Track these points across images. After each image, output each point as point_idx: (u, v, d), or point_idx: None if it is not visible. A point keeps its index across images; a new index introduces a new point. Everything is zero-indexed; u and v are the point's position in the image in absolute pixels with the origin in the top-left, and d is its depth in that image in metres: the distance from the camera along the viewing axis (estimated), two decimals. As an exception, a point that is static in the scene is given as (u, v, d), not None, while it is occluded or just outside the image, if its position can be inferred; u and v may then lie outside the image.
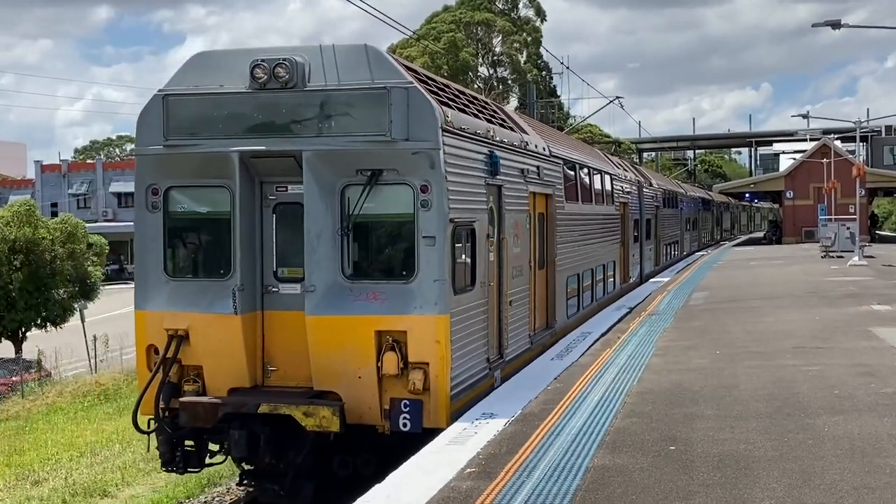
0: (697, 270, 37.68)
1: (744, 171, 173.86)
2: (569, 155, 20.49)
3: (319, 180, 12.53)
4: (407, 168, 12.38)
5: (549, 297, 18.14)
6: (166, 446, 13.08)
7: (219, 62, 13.07)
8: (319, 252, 12.54)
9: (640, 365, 15.33)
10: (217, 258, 13.14)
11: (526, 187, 16.26)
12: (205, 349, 12.90)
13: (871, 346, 16.18)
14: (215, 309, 12.83)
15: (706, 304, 24.30)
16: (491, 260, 14.18)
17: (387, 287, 12.51)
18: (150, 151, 13.13)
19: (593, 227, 22.75)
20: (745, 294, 26.91)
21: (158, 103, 13.04)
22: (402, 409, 12.34)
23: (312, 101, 12.56)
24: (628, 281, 29.44)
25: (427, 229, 12.42)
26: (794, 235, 69.52)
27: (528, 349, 16.09)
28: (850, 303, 23.38)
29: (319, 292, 12.46)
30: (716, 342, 17.46)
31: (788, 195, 70.79)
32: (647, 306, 24.00)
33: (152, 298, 13.18)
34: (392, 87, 12.30)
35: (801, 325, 19.45)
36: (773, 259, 45.50)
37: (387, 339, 12.41)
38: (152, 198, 13.28)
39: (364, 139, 12.38)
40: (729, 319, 20.94)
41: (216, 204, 13.10)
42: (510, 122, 16.90)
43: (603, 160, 27.24)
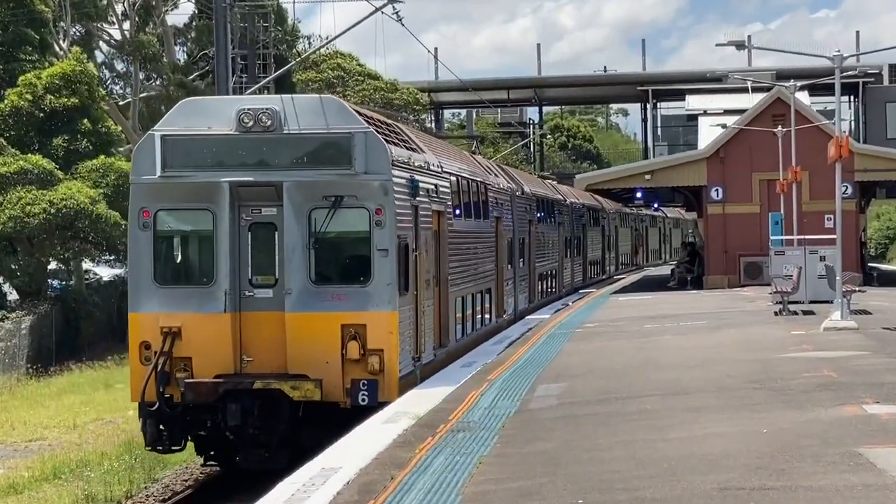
0: (547, 339, 23.42)
1: (632, 149, 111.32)
2: (457, 169, 22.33)
3: (294, 205, 16.33)
4: (364, 195, 16.36)
5: (443, 315, 20.10)
6: (154, 428, 16.30)
7: (206, 108, 17.11)
8: (294, 262, 16.32)
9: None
10: (201, 268, 16.81)
11: (430, 206, 19.00)
12: (195, 343, 16.25)
13: (861, 485, 9.87)
14: (205, 309, 16.30)
15: (562, 407, 15.03)
16: (414, 271, 17.61)
17: (349, 290, 16.43)
18: (144, 180, 16.62)
19: (476, 246, 23.74)
20: (632, 386, 16.55)
21: (153, 141, 16.56)
22: (361, 388, 16.13)
23: (290, 142, 16.52)
24: (502, 315, 26.66)
25: (381, 243, 16.39)
26: (724, 272, 40.05)
27: (428, 361, 18.55)
28: (825, 400, 14.39)
29: (294, 294, 16.27)
30: (577, 484, 10.56)
31: (714, 194, 40.19)
32: (457, 411, 15.55)
33: (145, 303, 16.57)
34: (355, 132, 16.43)
35: (734, 446, 11.85)
36: (688, 318, 27.38)
37: (349, 330, 16.25)
38: (143, 219, 16.60)
39: (332, 172, 16.41)
40: (603, 436, 12.88)
41: (199, 223, 16.69)
42: (412, 142, 19.59)
43: (473, 164, 26.27)
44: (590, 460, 11.47)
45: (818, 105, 52.34)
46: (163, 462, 19.93)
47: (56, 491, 18.23)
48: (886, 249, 79.29)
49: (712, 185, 40.14)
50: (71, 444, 21.80)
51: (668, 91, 66.79)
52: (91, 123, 37.60)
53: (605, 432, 12.99)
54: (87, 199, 34.21)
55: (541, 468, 11.19)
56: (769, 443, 11.75)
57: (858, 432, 12.08)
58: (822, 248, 30.81)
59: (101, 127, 38.21)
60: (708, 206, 40.37)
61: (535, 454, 11.93)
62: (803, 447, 11.43)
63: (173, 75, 48.60)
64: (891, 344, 20.46)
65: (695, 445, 11.87)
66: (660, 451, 11.68)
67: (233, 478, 17.35)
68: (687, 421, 13.30)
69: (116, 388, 28.84)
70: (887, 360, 18.27)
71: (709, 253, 40.91)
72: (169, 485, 18.46)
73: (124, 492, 18.01)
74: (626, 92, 74.28)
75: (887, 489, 9.53)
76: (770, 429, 12.50)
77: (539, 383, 17.04)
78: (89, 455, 20.26)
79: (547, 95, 78.89)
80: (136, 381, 16.37)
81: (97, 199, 34.60)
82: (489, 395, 16.09)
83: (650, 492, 9.87)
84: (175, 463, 20.07)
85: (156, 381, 16.07)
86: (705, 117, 55.26)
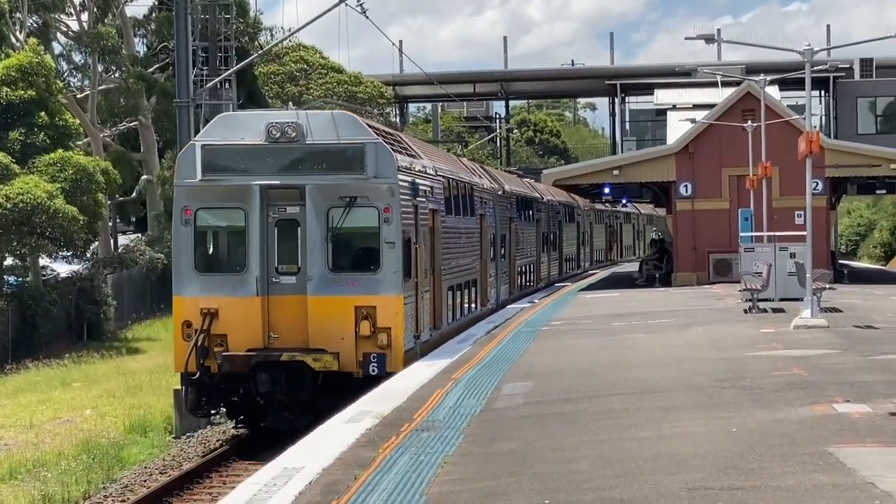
0: (513, 337, 23.28)
1: (600, 144, 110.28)
2: (445, 171, 24.89)
3: (315, 204, 19.26)
4: (375, 196, 19.32)
5: (437, 301, 22.74)
6: (195, 395, 19.25)
7: (239, 121, 20.24)
8: (314, 253, 19.24)
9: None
10: (235, 258, 19.70)
11: (427, 205, 21.83)
12: (230, 322, 19.12)
13: (831, 485, 9.63)
14: (239, 293, 19.17)
15: (528, 406, 14.70)
16: (415, 262, 20.61)
17: (361, 276, 19.36)
18: (186, 183, 19.59)
19: (464, 241, 26.22)
20: (600, 385, 16.20)
21: (194, 150, 19.61)
22: (372, 360, 18.97)
23: (311, 151, 19.47)
24: (486, 304, 29.27)
25: (388, 237, 19.32)
26: (693, 269, 39.84)
27: (428, 339, 21.57)
28: (795, 399, 14.08)
29: (315, 281, 19.15)
30: (543, 484, 10.24)
31: (683, 190, 39.88)
32: (421, 410, 15.29)
33: (186, 287, 19.45)
34: (367, 143, 19.43)
35: (703, 445, 11.56)
36: (656, 316, 27.02)
37: (362, 311, 19.10)
38: (185, 216, 19.49)
39: (347, 176, 19.36)
40: (570, 435, 12.64)
41: (233, 220, 19.68)
42: (412, 149, 22.51)
43: (461, 166, 28.97)
44: (556, 460, 11.24)
45: (789, 100, 51.84)
46: (121, 462, 19.62)
47: (12, 491, 17.81)
48: (857, 246, 79.11)
49: (681, 180, 39.81)
50: (27, 443, 21.34)
51: (637, 85, 66.11)
52: (48, 116, 36.89)
53: (573, 432, 12.76)
54: (44, 193, 33.58)
55: (506, 468, 10.97)
56: (738, 442, 11.54)
57: (828, 432, 11.91)
58: (793, 244, 30.68)
59: (58, 120, 37.49)
60: (677, 202, 39.93)
61: (501, 454, 11.70)
62: (773, 446, 11.23)
63: (133, 68, 47.90)
64: (861, 342, 20.17)
65: (663, 445, 11.65)
66: (628, 450, 11.46)
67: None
68: (655, 420, 13.09)
69: (74, 387, 28.36)
70: (858, 358, 17.95)
71: (677, 250, 40.28)
72: (128, 485, 18.12)
73: (82, 492, 17.65)
74: (594, 86, 73.17)
75: (857, 489, 9.37)
76: (739, 428, 12.30)
77: (505, 382, 16.85)
78: (46, 455, 19.83)
79: (513, 89, 78.23)
80: (180, 355, 19.36)
81: (55, 193, 33.96)
82: (454, 393, 15.91)
83: (618, 492, 9.68)
84: (133, 462, 19.76)
85: (196, 354, 19.02)
86: (674, 112, 54.81)
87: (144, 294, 45.07)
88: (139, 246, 47.48)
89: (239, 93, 40.02)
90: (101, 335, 38.84)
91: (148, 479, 18.37)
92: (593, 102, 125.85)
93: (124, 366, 32.11)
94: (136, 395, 26.05)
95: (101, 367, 32.08)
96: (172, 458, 20.05)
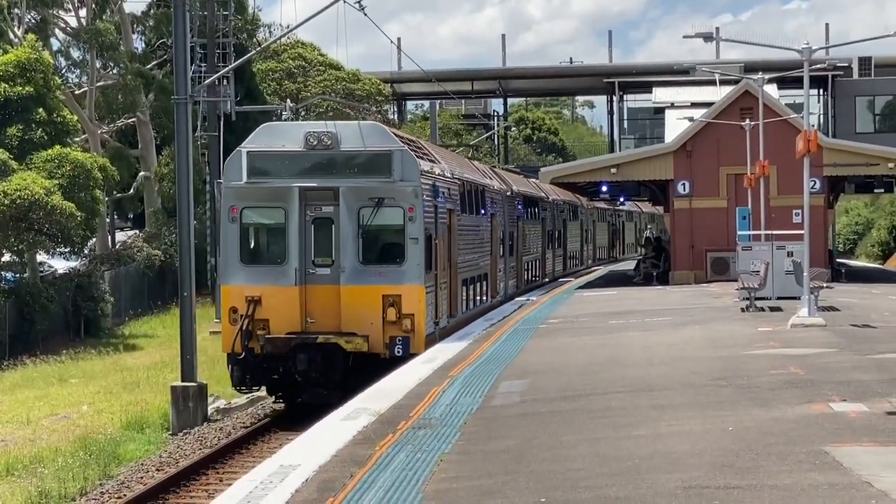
0: (510, 335, 23.35)
1: (598, 142, 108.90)
2: (461, 174, 27.30)
3: (348, 204, 21.60)
4: (400, 197, 21.65)
5: (453, 292, 25.17)
6: (240, 373, 21.58)
7: (280, 130, 22.93)
8: (346, 247, 21.54)
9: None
10: (276, 251, 21.96)
11: (445, 205, 24.31)
12: (272, 308, 21.39)
13: (827, 484, 9.59)
14: (279, 283, 21.44)
15: (525, 404, 14.67)
16: (435, 256, 22.99)
17: (388, 268, 21.62)
18: (233, 185, 21.95)
19: (476, 238, 28.69)
20: (597, 382, 16.12)
21: (241, 155, 21.87)
22: (397, 343, 21.30)
23: (345, 157, 21.80)
24: (496, 297, 31.36)
25: (412, 234, 21.67)
26: (690, 267, 39.32)
27: (445, 326, 23.98)
28: (792, 398, 14.02)
29: (347, 272, 21.48)
30: (539, 482, 10.22)
31: (681, 188, 39.46)
32: (418, 407, 15.25)
33: (233, 277, 21.82)
34: (394, 150, 21.78)
35: (699, 444, 11.54)
36: (653, 314, 26.84)
37: (388, 299, 21.38)
38: (232, 214, 21.84)
39: (376, 180, 21.69)
40: (566, 433, 12.59)
41: (275, 218, 21.95)
42: (431, 154, 24.91)
43: (474, 169, 31.27)
44: (553, 458, 11.20)
45: (787, 98, 51.36)
46: (118, 458, 19.59)
47: (9, 488, 17.81)
48: (855, 245, 78.92)
49: (679, 179, 39.52)
50: (24, 439, 21.33)
51: (635, 83, 65.43)
52: (46, 113, 36.83)
53: (569, 430, 12.71)
54: (41, 189, 33.54)
55: (503, 466, 10.93)
56: (735, 441, 11.50)
57: (825, 431, 11.84)
58: (790, 243, 30.39)
59: (56, 116, 37.42)
60: (675, 201, 39.70)
61: (498, 452, 11.65)
62: (769, 445, 11.18)
63: (131, 64, 47.82)
64: (858, 341, 20.09)
65: (659, 443, 11.60)
66: (624, 449, 11.42)
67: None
68: (652, 418, 13.02)
69: (71, 383, 28.34)
70: (855, 357, 17.87)
71: (675, 248, 40.07)
72: (124, 482, 18.10)
73: (79, 489, 17.63)
74: (593, 84, 72.32)
75: (853, 488, 9.32)
76: (736, 427, 12.25)
77: (502, 380, 16.80)
78: (43, 451, 19.84)
79: (512, 87, 77.61)
80: (227, 337, 21.67)
81: (52, 189, 33.91)
82: (451, 391, 15.86)
83: (614, 490, 9.65)
84: (130, 459, 19.74)
85: (241, 337, 21.32)
86: (672, 110, 54.21)
87: (142, 291, 45.01)
88: (137, 242, 47.49)
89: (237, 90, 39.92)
90: (99, 332, 38.81)
91: (145, 476, 18.35)
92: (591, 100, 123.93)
93: (121, 362, 32.08)
94: (134, 392, 26.03)
95: (99, 364, 32.05)
96: (169, 454, 20.03)
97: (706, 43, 30.49)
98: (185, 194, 23.61)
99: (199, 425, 22.39)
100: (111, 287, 41.28)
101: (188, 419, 22.47)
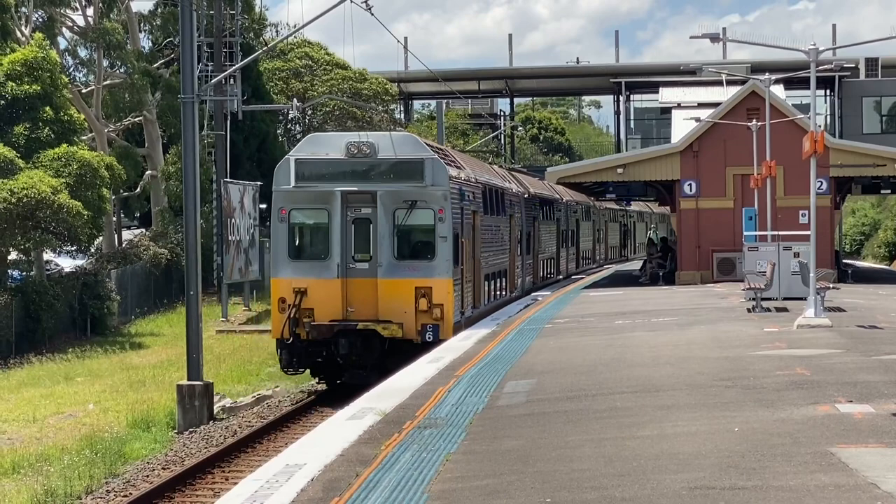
0: (516, 335, 23.31)
1: (605, 142, 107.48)
2: (483, 179, 29.78)
3: (384, 206, 24.04)
4: (431, 200, 24.11)
5: (477, 285, 27.71)
6: (287, 356, 23.97)
7: (325, 140, 25.58)
8: (383, 245, 23.94)
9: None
10: (320, 248, 24.33)
11: (470, 207, 26.92)
12: (316, 298, 23.79)
13: (833, 485, 9.57)
14: (323, 276, 23.88)
15: (530, 403, 14.69)
16: (461, 253, 25.51)
17: (420, 263, 24.08)
18: (282, 189, 24.38)
19: (497, 236, 31.10)
20: (602, 383, 16.09)
21: (289, 162, 24.39)
22: (428, 330, 23.69)
23: (382, 165, 24.28)
24: (514, 291, 33.87)
25: (442, 233, 24.10)
26: (696, 267, 39.28)
27: (470, 315, 26.49)
28: (798, 399, 14.01)
29: (383, 266, 23.89)
30: (545, 482, 10.22)
31: (687, 189, 39.31)
32: (424, 407, 15.26)
33: (282, 271, 24.27)
34: (425, 158, 24.26)
35: (705, 445, 11.55)
36: (659, 314, 26.77)
37: (420, 291, 23.77)
38: (281, 215, 24.26)
39: (410, 185, 24.12)
40: (572, 434, 12.59)
41: (319, 218, 24.41)
42: (458, 161, 27.69)
43: (494, 174, 33.97)
44: (558, 458, 11.19)
45: (794, 99, 51.27)
46: (124, 457, 19.61)
47: (15, 486, 17.82)
48: (861, 246, 78.67)
49: (685, 179, 39.39)
50: (30, 437, 21.36)
51: (642, 83, 65.63)
52: (53, 111, 36.88)
53: (575, 430, 12.69)
54: (48, 188, 33.59)
55: (509, 466, 10.93)
56: (740, 442, 11.49)
57: (831, 432, 11.83)
58: (796, 244, 30.30)
59: (63, 115, 37.47)
60: (681, 201, 39.62)
61: (503, 452, 11.66)
62: (775, 446, 11.17)
63: (138, 63, 47.87)
64: (865, 342, 20.01)
65: (665, 444, 11.59)
66: (630, 449, 11.42)
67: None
68: (657, 419, 13.01)
69: (77, 382, 28.37)
70: (861, 358, 17.83)
71: (681, 248, 40.00)
72: (130, 480, 18.13)
73: (84, 487, 17.63)
74: (599, 84, 72.71)
75: (859, 489, 9.29)
76: (742, 427, 12.24)
77: (508, 380, 16.78)
78: (49, 449, 19.85)
79: (518, 87, 77.69)
80: (276, 324, 24.13)
81: (59, 188, 33.96)
82: (457, 390, 15.85)
83: (619, 491, 9.65)
84: (136, 457, 19.76)
85: (289, 324, 23.67)
86: (679, 110, 54.25)
87: (148, 289, 45.07)
88: (143, 241, 47.52)
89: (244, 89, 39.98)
90: (105, 330, 38.86)
91: (150, 475, 18.37)
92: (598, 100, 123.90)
93: (127, 361, 32.12)
94: (139, 391, 26.06)
95: (105, 362, 32.08)
96: (175, 453, 20.05)
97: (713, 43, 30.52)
98: (191, 193, 23.66)
99: (204, 424, 22.41)
100: (117, 286, 41.34)
101: (194, 418, 22.49)
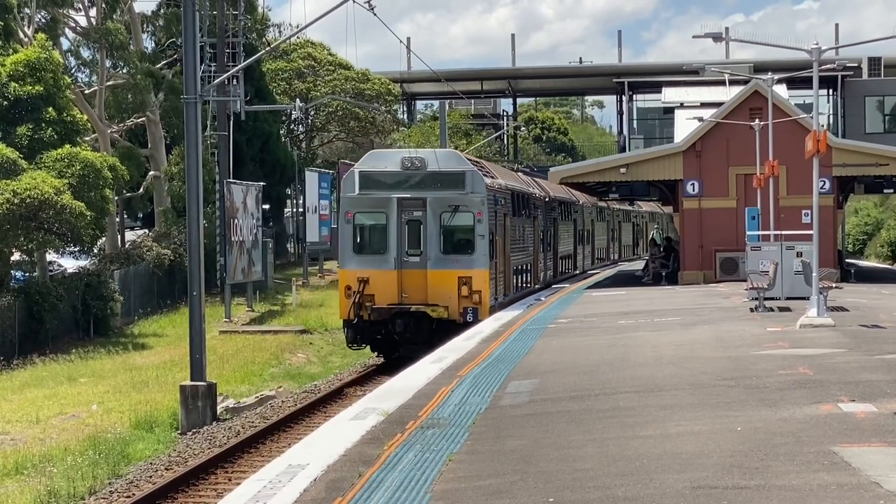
0: (519, 335, 23.50)
1: (607, 142, 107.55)
2: (512, 185, 34.70)
3: (433, 210, 29.27)
4: (471, 204, 29.39)
5: (507, 277, 32.94)
6: (352, 334, 29.45)
7: (383, 155, 31.29)
8: (431, 242, 29.20)
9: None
10: (380, 244, 29.53)
11: (502, 210, 32.03)
12: (376, 286, 29.05)
13: (836, 484, 9.56)
14: (382, 267, 29.13)
15: (533, 404, 14.70)
16: (495, 249, 30.51)
17: (462, 257, 29.28)
18: (348, 196, 29.89)
19: (523, 235, 35.85)
20: (605, 382, 16.12)
21: (354, 174, 29.88)
22: (469, 312, 28.82)
23: (431, 176, 29.48)
24: (537, 283, 38.67)
25: (480, 232, 29.37)
26: (699, 267, 39.39)
27: (502, 301, 31.40)
28: (800, 398, 14.03)
29: (432, 259, 29.16)
30: (548, 482, 10.23)
31: (690, 188, 39.45)
32: (427, 407, 15.24)
33: (348, 263, 29.51)
34: (466, 171, 29.64)
35: (708, 444, 11.57)
36: (662, 314, 26.90)
37: (462, 280, 29.08)
38: (347, 217, 29.72)
39: (453, 192, 29.46)
40: (575, 434, 12.60)
41: (379, 220, 29.59)
42: (491, 172, 32.80)
43: (519, 180, 39.20)
44: (561, 458, 11.20)
45: (796, 98, 51.14)
46: (127, 458, 19.61)
47: (18, 486, 17.82)
48: (864, 245, 78.54)
49: (688, 179, 39.54)
50: (33, 438, 21.36)
51: (645, 83, 65.73)
52: (56, 112, 36.87)
53: (578, 430, 12.70)
54: (51, 189, 33.60)
55: (512, 466, 10.94)
56: (743, 441, 11.51)
57: (834, 431, 11.84)
58: (799, 243, 30.26)
59: (66, 116, 37.46)
60: (684, 201, 39.72)
61: (506, 452, 11.67)
62: (778, 446, 11.19)
63: (140, 64, 47.88)
64: (868, 341, 20.03)
65: (668, 443, 11.61)
66: (633, 449, 11.43)
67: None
68: (660, 419, 13.03)
69: (80, 382, 28.37)
70: (864, 357, 17.86)
71: (684, 248, 40.19)
72: (133, 481, 18.13)
73: (87, 488, 17.65)
74: (602, 84, 72.51)
75: (862, 489, 9.30)
76: (744, 427, 12.24)
77: (510, 379, 16.79)
78: (52, 450, 19.85)
79: (521, 87, 78.69)
80: (344, 307, 29.37)
81: (62, 189, 33.97)
82: (460, 390, 15.84)
83: (622, 490, 9.66)
84: (139, 458, 19.76)
85: (354, 307, 28.96)
86: (682, 110, 54.34)
87: (151, 290, 45.07)
88: (146, 242, 47.52)
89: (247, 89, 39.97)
90: (108, 331, 38.85)
91: (154, 475, 18.38)
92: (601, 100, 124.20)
93: (131, 361, 32.13)
94: (143, 391, 26.06)
95: (108, 363, 32.09)
96: (178, 453, 20.06)
97: (716, 43, 30.59)
98: (194, 193, 23.67)
99: (208, 424, 22.42)
100: (120, 286, 41.34)
101: (197, 418, 22.50)
